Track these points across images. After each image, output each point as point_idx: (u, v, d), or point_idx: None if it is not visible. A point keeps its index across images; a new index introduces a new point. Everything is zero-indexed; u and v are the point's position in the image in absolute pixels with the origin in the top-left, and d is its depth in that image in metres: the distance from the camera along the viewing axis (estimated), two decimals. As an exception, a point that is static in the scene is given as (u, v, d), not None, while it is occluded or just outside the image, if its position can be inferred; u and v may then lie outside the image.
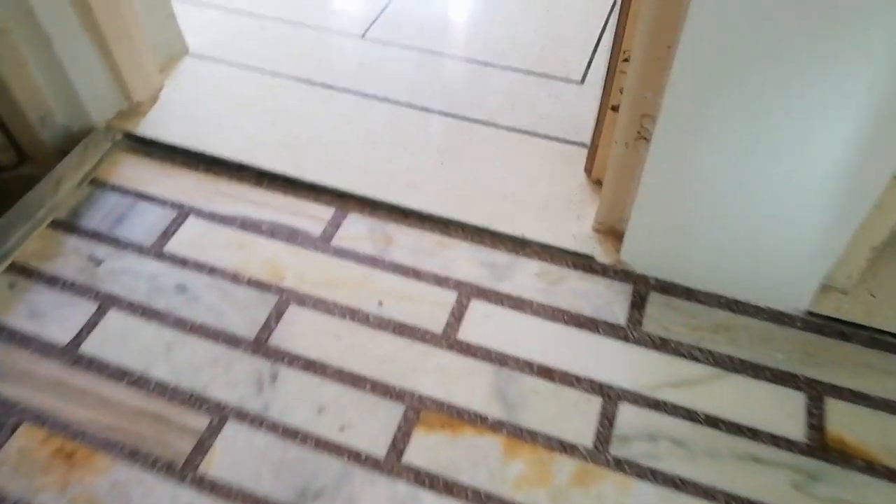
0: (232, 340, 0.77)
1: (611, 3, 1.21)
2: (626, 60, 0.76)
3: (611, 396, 0.72)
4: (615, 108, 0.81)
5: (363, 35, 1.16)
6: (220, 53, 1.11)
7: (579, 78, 1.08)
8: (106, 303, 0.80)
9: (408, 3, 1.22)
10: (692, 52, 0.62)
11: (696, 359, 0.75)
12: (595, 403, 0.72)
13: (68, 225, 0.89)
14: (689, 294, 0.81)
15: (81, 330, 0.78)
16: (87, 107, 0.97)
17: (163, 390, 0.73)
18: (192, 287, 0.82)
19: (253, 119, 1.00)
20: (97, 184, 0.93)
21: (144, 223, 0.88)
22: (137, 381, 0.74)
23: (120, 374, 0.74)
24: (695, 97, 0.65)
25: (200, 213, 0.90)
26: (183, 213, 0.90)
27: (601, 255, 0.84)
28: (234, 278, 0.83)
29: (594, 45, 1.13)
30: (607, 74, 0.80)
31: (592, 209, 0.88)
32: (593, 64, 1.10)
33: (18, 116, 0.94)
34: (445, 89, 1.05)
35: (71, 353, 0.76)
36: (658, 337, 0.77)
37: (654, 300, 0.80)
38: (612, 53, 0.78)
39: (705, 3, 0.58)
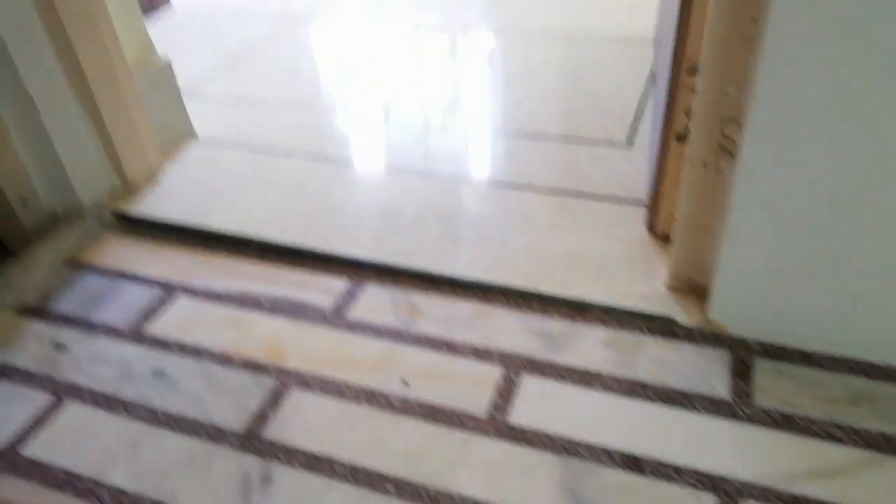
0: (215, 434, 0.59)
1: (646, 74, 1.13)
2: (691, 72, 0.64)
3: (728, 493, 0.52)
4: (680, 138, 0.68)
5: (386, 113, 1.07)
6: (230, 138, 1.03)
7: (624, 140, 0.96)
8: (63, 394, 0.64)
9: (430, 84, 1.15)
10: (790, 6, 0.49)
11: (836, 439, 0.55)
12: (707, 502, 0.51)
13: (35, 309, 0.74)
14: (806, 359, 0.62)
15: (27, 428, 0.61)
16: (75, 185, 0.87)
17: (120, 501, 0.54)
18: (172, 372, 0.65)
19: (260, 195, 0.89)
20: (76, 265, 0.80)
21: (123, 304, 0.74)
22: (89, 490, 0.55)
23: (67, 482, 0.56)
24: (798, 76, 0.51)
25: (191, 291, 0.75)
26: (170, 291, 0.75)
27: (683, 316, 0.67)
28: (224, 361, 0.66)
29: (635, 111, 1.03)
30: (668, 99, 0.68)
31: (662, 267, 0.73)
32: (639, 129, 0.99)
33: (-2, 198, 0.83)
34: (476, 159, 0.94)
35: (9, 457, 0.59)
36: (778, 412, 0.57)
37: (762, 368, 0.62)
38: (672, 71, 0.66)
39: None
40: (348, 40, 1.36)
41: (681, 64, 0.65)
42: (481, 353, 0.65)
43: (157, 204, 0.88)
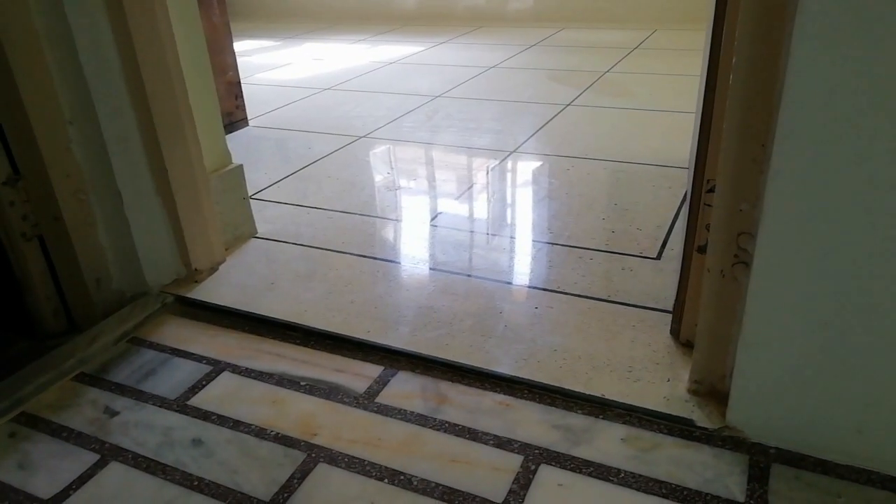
0: (242, 501, 0.62)
1: (680, 195, 1.19)
2: (710, 191, 0.70)
3: None
4: (701, 250, 0.72)
5: (432, 221, 1.15)
6: (287, 237, 1.12)
7: (655, 255, 1.01)
8: (108, 455, 0.69)
9: (475, 198, 1.24)
10: (793, 132, 0.55)
11: (856, 548, 0.54)
12: None
13: (93, 378, 0.81)
14: (824, 467, 0.62)
15: (71, 484, 0.65)
16: (145, 271, 0.96)
17: (145, 558, 0.57)
18: (209, 441, 0.69)
19: (309, 287, 0.96)
20: (136, 341, 0.87)
21: (174, 378, 0.80)
22: (118, 546, 0.58)
23: (99, 537, 0.59)
24: (804, 194, 0.56)
25: (236, 369, 0.81)
26: (217, 368, 0.81)
27: (703, 419, 0.68)
28: (259, 434, 0.70)
29: (667, 229, 1.08)
30: (690, 214, 0.73)
31: (685, 372, 0.74)
32: (668, 244, 1.03)
33: (75, 278, 0.92)
34: (511, 265, 1.00)
35: (51, 510, 0.63)
36: (795, 517, 0.57)
37: (779, 473, 0.62)
38: (692, 189, 0.72)
39: (800, 83, 0.53)
40: (405, 159, 1.48)
41: (701, 183, 0.71)
42: (502, 443, 0.67)
43: (214, 290, 0.96)
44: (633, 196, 1.21)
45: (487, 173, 1.36)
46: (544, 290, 0.92)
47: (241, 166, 1.09)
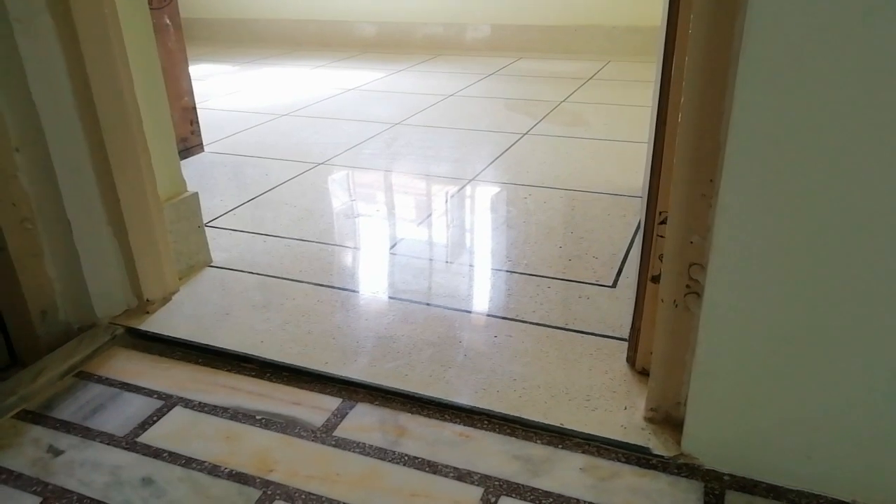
0: (194, 542, 0.60)
1: (634, 224, 1.22)
2: (662, 223, 0.71)
3: None
4: (655, 279, 0.74)
5: (391, 249, 1.15)
6: (242, 265, 1.10)
7: (611, 283, 1.02)
8: (51, 497, 0.66)
9: (434, 226, 1.24)
10: (739, 167, 0.57)
11: (808, 573, 0.55)
12: None
13: (36, 415, 0.77)
14: (776, 493, 0.63)
15: (11, 529, 0.62)
16: (94, 303, 0.93)
17: None
18: (160, 480, 0.67)
19: (265, 318, 0.94)
20: (83, 376, 0.84)
21: (123, 413, 0.77)
22: None
23: (40, 585, 0.57)
24: (751, 226, 0.58)
25: (189, 403, 0.78)
26: (169, 403, 0.79)
27: (658, 446, 0.69)
28: (213, 471, 0.68)
29: (622, 257, 1.10)
30: (644, 245, 0.75)
31: (641, 400, 0.76)
32: (623, 272, 1.05)
33: (19, 310, 0.89)
34: (471, 293, 1.00)
35: (-12, 558, 0.59)
36: (750, 544, 0.58)
37: (733, 500, 0.63)
38: (646, 219, 0.74)
39: (745, 122, 0.55)
40: (364, 186, 1.48)
41: (654, 215, 0.72)
42: (462, 475, 0.67)
43: (166, 322, 0.94)
44: (589, 224, 1.23)
45: (447, 201, 1.37)
46: (503, 318, 0.93)
47: (196, 194, 1.07)
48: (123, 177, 0.91)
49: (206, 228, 1.17)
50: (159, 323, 0.94)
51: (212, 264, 1.11)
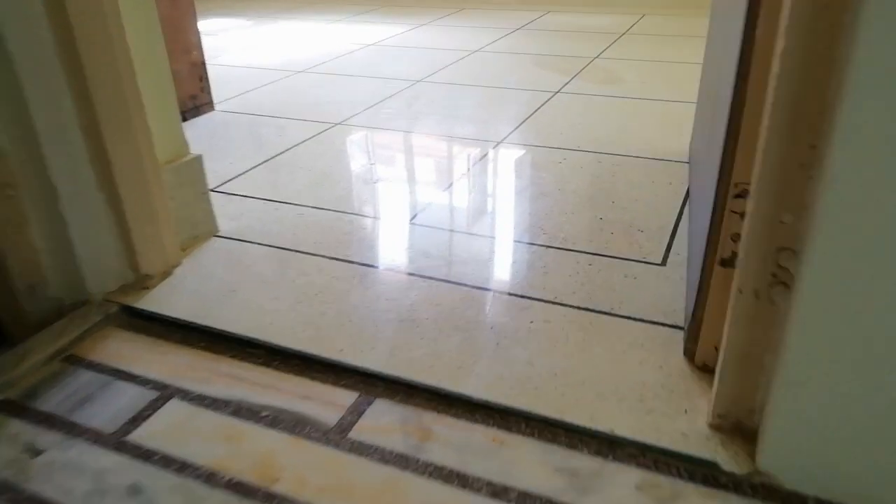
0: (185, 568, 0.51)
1: (681, 192, 1.10)
2: (740, 196, 0.60)
3: None
4: (726, 263, 0.63)
5: (412, 220, 1.05)
6: (252, 236, 1.00)
7: (660, 260, 0.91)
8: (27, 506, 0.57)
9: (459, 193, 1.13)
10: (857, 130, 0.45)
11: None
12: None
13: (17, 406, 0.69)
14: (876, 523, 0.53)
15: (-21, 544, 0.54)
16: (86, 276, 0.84)
17: None
18: (149, 489, 0.59)
19: (275, 295, 0.85)
20: (72, 360, 0.76)
21: (113, 406, 0.68)
22: None
23: None
24: (866, 201, 0.46)
25: (187, 395, 0.70)
26: (165, 394, 0.70)
27: (728, 461, 0.59)
28: (210, 479, 0.59)
29: (671, 231, 0.99)
30: (712, 221, 0.64)
31: (703, 401, 0.65)
32: (673, 248, 0.94)
33: (4, 284, 0.80)
34: (503, 270, 0.90)
35: (-49, 580, 0.51)
36: (847, 590, 0.48)
37: (824, 531, 0.53)
38: (717, 193, 0.62)
39: (867, 72, 0.43)
40: (384, 148, 1.37)
41: (727, 186, 0.61)
42: (498, 491, 0.57)
43: (166, 299, 0.85)
44: (632, 192, 1.11)
45: (472, 165, 1.25)
46: (540, 300, 0.83)
47: (199, 157, 0.97)
48: (115, 136, 0.81)
49: (212, 194, 1.07)
50: (158, 300, 0.85)
51: (218, 234, 1.01)
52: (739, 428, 0.61)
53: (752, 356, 0.58)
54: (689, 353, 0.71)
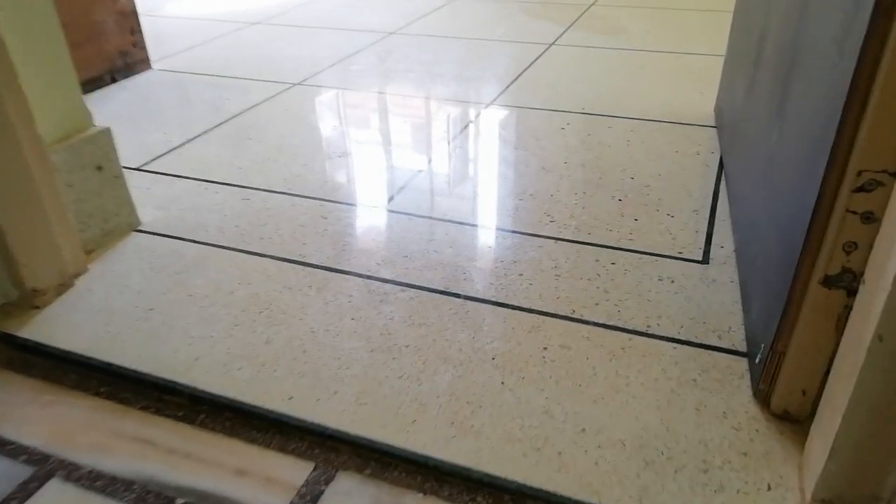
0: None
1: (712, 162, 0.90)
2: (861, 190, 0.41)
3: None
4: (831, 282, 0.44)
5: (387, 205, 0.84)
6: (183, 230, 0.79)
7: (699, 256, 0.72)
8: None
9: (443, 170, 0.93)
10: None
11: None
12: None
13: None
14: None
15: None
16: (-49, 295, 0.63)
17: None
18: None
19: (206, 315, 0.65)
20: (-78, 418, 0.55)
21: (-33, 493, 0.49)
22: None
23: None
24: None
25: (73, 472, 0.50)
26: (45, 470, 0.50)
27: (846, 574, 0.41)
28: None
29: (707, 215, 0.80)
30: (812, 221, 0.44)
31: (791, 471, 0.47)
32: (714, 238, 0.75)
33: None
34: (501, 271, 0.70)
35: None
36: None
37: None
38: (823, 180, 0.43)
39: None
40: (352, 114, 1.15)
41: (840, 174, 0.41)
42: None
43: (61, 324, 0.64)
44: (653, 165, 0.92)
45: (460, 133, 1.04)
46: (554, 316, 0.63)
47: (107, 130, 0.75)
48: (-27, 108, 0.59)
49: (137, 175, 0.87)
50: (50, 326, 0.64)
51: (139, 228, 0.80)
52: (857, 520, 0.43)
53: (878, 424, 0.40)
54: (763, 396, 0.53)
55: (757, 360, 0.54)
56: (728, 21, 1.01)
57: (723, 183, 0.87)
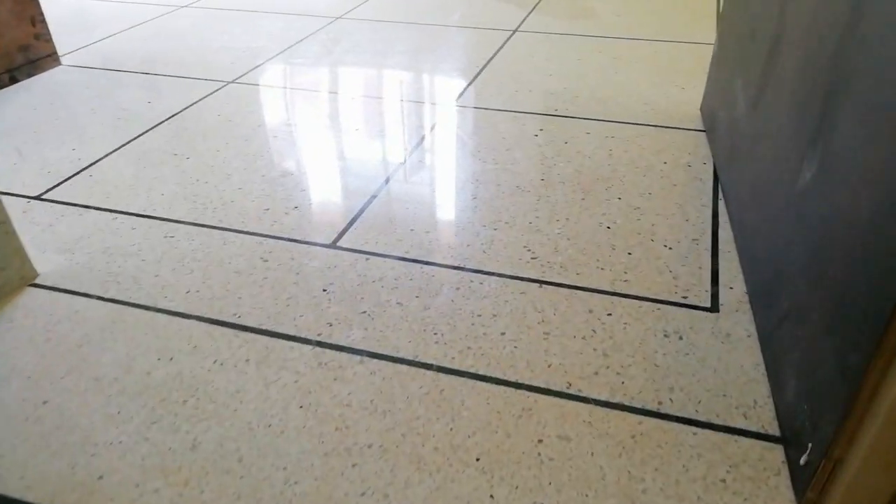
0: None
1: (710, 177, 0.80)
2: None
3: None
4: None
5: (335, 243, 0.72)
6: (89, 282, 0.65)
7: (707, 301, 0.62)
8: None
9: (400, 190, 0.81)
10: None
11: None
12: None
13: None
14: None
15: None
16: None
17: None
18: None
19: (114, 408, 0.51)
20: None
21: None
22: None
23: None
24: None
25: None
26: None
27: None
28: None
29: (709, 244, 0.70)
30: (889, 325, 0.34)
31: None
32: (721, 277, 0.65)
33: None
34: (475, 329, 0.59)
35: None
36: None
37: None
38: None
39: None
40: (291, 119, 1.01)
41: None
42: None
43: (-77, 430, 0.50)
44: (641, 181, 0.81)
45: (419, 144, 0.92)
46: (546, 392, 0.53)
47: (-17, 167, 0.60)
48: None
49: (37, 206, 0.72)
50: None
51: (35, 282, 0.66)
52: None
53: None
54: (806, 496, 0.43)
55: (802, 462, 0.44)
56: (705, 5, 0.90)
57: (720, 200, 0.77)
